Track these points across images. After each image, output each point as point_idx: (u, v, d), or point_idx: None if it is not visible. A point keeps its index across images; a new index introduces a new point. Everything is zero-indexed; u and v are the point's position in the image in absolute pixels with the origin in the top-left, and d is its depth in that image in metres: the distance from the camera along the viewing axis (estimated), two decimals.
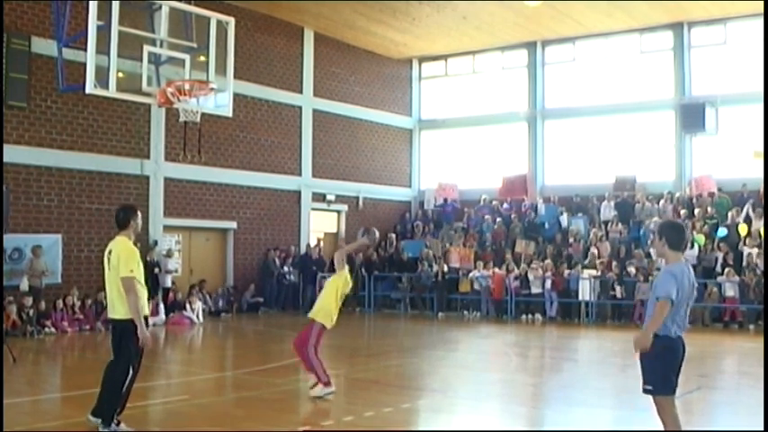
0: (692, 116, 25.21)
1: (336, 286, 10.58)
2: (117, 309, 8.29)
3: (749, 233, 22.24)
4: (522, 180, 27.91)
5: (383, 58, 30.28)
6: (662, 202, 24.91)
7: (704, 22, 26.03)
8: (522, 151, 29.31)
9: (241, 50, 21.97)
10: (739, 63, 25.54)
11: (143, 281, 8.37)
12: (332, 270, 24.89)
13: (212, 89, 16.96)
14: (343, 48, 28.57)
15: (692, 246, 22.16)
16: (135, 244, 8.52)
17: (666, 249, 7.00)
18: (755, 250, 21.42)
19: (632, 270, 21.88)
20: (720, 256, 21.84)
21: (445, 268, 24.73)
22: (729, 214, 23.24)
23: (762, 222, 22.63)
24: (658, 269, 17.39)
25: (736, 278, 20.70)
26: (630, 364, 6.90)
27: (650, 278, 20.44)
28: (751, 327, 20.20)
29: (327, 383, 10.43)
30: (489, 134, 30.29)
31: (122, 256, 8.21)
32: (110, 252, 8.40)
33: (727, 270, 20.98)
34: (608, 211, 25.69)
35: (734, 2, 23.77)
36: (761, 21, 23.01)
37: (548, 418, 10.27)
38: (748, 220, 22.95)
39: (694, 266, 19.64)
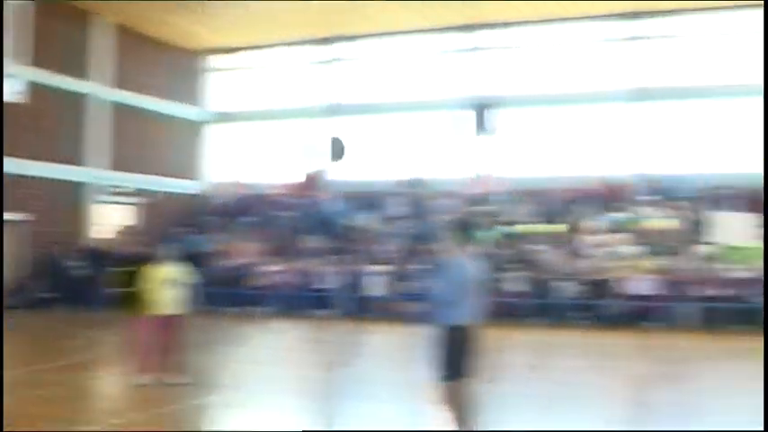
0: (480, 116, 26.07)
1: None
2: None
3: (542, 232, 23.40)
4: (314, 176, 27.99)
5: (176, 49, 29.52)
6: (451, 199, 25.55)
7: (491, 25, 27.04)
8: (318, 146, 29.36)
9: (26, 35, 20.80)
10: (525, 66, 26.84)
11: None
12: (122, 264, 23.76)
13: None
14: (134, 37, 27.54)
15: (479, 242, 22.85)
16: None
17: (450, 244, 7.17)
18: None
19: (420, 266, 22.32)
20: (507, 252, 22.65)
21: (234, 263, 24.43)
22: (516, 212, 24.28)
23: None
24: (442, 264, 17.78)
25: (522, 273, 21.57)
26: (418, 358, 7.01)
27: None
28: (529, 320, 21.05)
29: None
30: (283, 128, 30.15)
31: None
32: None
33: (513, 266, 21.82)
34: (398, 208, 26.13)
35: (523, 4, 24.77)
36: (548, 26, 24.26)
37: (339, 411, 10.26)
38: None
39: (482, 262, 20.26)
